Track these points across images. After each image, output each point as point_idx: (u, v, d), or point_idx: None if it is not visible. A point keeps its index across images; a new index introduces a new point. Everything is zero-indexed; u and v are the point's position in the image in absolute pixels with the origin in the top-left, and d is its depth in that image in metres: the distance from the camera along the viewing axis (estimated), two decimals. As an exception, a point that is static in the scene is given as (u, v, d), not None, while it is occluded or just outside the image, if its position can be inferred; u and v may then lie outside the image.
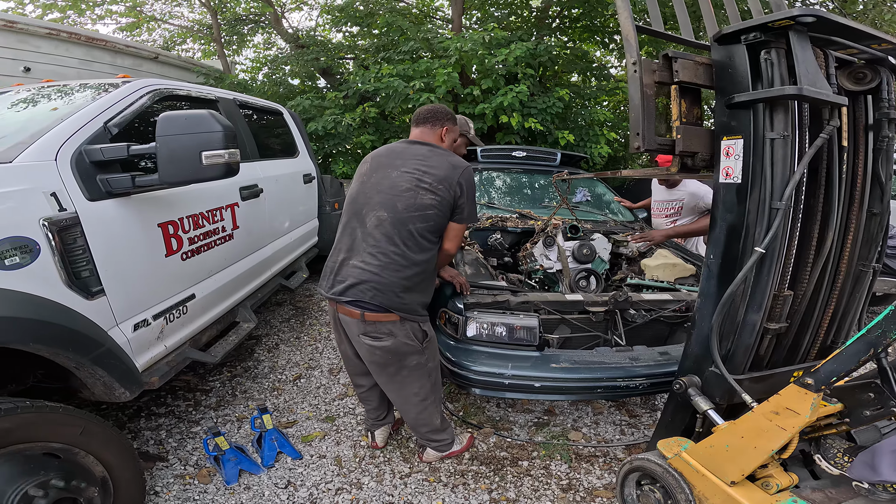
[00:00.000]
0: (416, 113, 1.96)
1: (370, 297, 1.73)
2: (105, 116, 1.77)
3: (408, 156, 1.83)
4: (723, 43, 1.39)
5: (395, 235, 1.73)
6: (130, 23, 8.94)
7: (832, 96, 1.25)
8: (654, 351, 2.19)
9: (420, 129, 1.93)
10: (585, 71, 7.68)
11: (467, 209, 1.82)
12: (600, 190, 4.03)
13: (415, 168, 1.78)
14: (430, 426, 2.05)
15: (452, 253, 1.90)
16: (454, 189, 1.77)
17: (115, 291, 1.61)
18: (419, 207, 1.74)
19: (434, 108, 1.95)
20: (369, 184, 1.83)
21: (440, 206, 1.76)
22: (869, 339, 1.14)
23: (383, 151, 1.92)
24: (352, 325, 1.83)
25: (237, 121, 2.81)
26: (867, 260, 1.63)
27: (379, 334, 1.78)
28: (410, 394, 1.93)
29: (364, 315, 1.75)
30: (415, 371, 1.88)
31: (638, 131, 1.46)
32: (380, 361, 1.85)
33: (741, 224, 1.39)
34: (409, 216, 1.73)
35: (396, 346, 1.80)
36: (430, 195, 1.75)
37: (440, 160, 1.81)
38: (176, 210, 1.94)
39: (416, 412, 1.98)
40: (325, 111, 6.24)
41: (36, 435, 1.31)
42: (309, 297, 4.35)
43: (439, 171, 1.77)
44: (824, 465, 1.44)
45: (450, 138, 1.95)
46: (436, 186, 1.75)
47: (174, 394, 2.66)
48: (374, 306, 1.74)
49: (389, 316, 1.76)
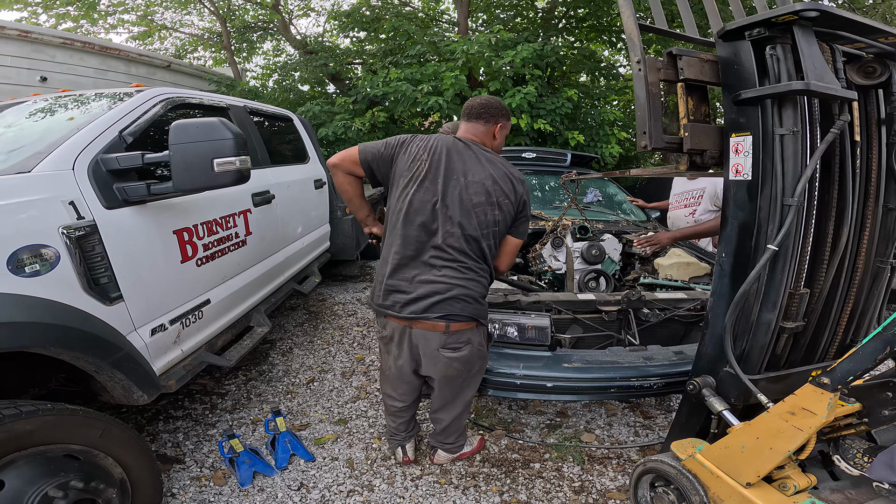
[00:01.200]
0: (467, 105, 1.82)
1: (460, 308, 1.68)
2: (120, 125, 1.80)
3: (472, 160, 1.70)
4: (727, 39, 1.39)
5: (469, 250, 1.69)
6: (142, 32, 9.11)
7: (841, 91, 1.24)
8: (669, 350, 2.17)
9: (473, 125, 1.79)
10: (594, 71, 7.66)
11: (523, 224, 1.81)
12: (612, 190, 4.01)
13: (484, 178, 1.67)
14: (457, 430, 2.06)
15: (503, 271, 1.87)
16: (518, 205, 1.74)
17: (132, 297, 1.64)
18: (489, 224, 1.70)
19: (489, 101, 1.81)
20: (433, 188, 1.66)
21: (504, 221, 1.74)
22: (886, 337, 1.12)
23: (440, 147, 1.70)
24: (432, 340, 1.72)
25: (248, 128, 2.85)
26: (885, 256, 1.60)
27: (458, 344, 1.74)
28: (464, 400, 1.95)
29: (449, 326, 1.69)
30: (476, 377, 1.91)
31: (645, 130, 1.45)
32: (453, 375, 1.82)
33: (753, 221, 1.38)
34: (482, 233, 1.69)
35: (472, 354, 1.79)
36: (497, 211, 1.70)
37: (502, 171, 1.72)
38: (191, 217, 1.97)
39: (458, 414, 1.99)
40: (335, 116, 6.30)
41: (56, 437, 1.33)
42: (322, 301, 4.38)
43: (505, 185, 1.70)
44: (843, 465, 1.41)
45: (502, 135, 1.84)
46: (503, 202, 1.69)
47: (191, 397, 2.69)
48: (463, 317, 1.70)
49: (471, 324, 1.75)
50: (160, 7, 9.04)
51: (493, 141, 1.82)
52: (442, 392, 1.93)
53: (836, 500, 1.35)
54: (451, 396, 1.93)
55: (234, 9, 9.05)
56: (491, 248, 1.74)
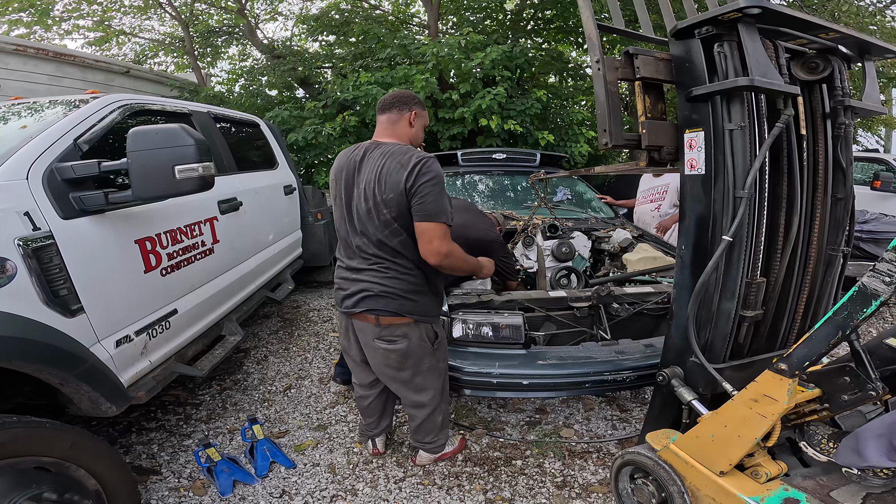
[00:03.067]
0: (381, 100, 1.87)
1: (384, 304, 1.75)
2: (74, 133, 1.75)
3: (371, 163, 1.73)
4: (679, 38, 1.43)
5: (382, 252, 1.74)
6: (99, 37, 8.83)
7: (783, 86, 1.30)
8: (640, 344, 2.22)
9: (386, 116, 1.84)
10: (562, 71, 7.78)
11: (428, 205, 1.64)
12: (581, 188, 4.08)
13: (371, 180, 1.69)
14: (433, 429, 2.05)
15: (433, 261, 1.70)
16: (408, 191, 1.64)
17: (94, 309, 1.61)
18: (387, 224, 1.70)
19: (399, 92, 1.88)
20: (338, 205, 1.82)
21: (402, 215, 1.68)
22: (836, 322, 1.15)
23: (343, 160, 1.83)
24: (367, 331, 1.84)
25: (213, 134, 2.80)
26: (836, 244, 1.66)
27: (393, 337, 1.80)
28: (426, 398, 1.94)
29: (379, 319, 1.77)
30: (429, 374, 1.90)
31: (605, 128, 1.49)
32: (394, 365, 1.86)
33: (708, 214, 1.43)
34: (384, 235, 1.71)
35: (411, 349, 1.81)
36: (385, 210, 1.68)
37: (394, 163, 1.66)
38: (153, 226, 1.93)
39: (426, 414, 1.99)
40: (305, 122, 6.23)
41: (25, 450, 1.32)
42: (296, 308, 4.33)
43: (391, 178, 1.65)
44: (810, 452, 1.43)
45: (419, 123, 1.87)
46: (389, 198, 1.66)
47: (164, 408, 2.64)
48: (388, 312, 1.76)
49: (404, 319, 1.77)
50: (118, 12, 8.77)
51: (410, 129, 1.85)
52: (396, 388, 1.96)
53: (808, 486, 1.36)
54: (410, 393, 1.94)
55: (198, 13, 8.85)
56: (405, 244, 1.72)
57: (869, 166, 6.21)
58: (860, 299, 1.09)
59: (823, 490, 1.34)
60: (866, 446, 1.25)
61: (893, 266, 1.04)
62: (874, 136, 10.88)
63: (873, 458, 1.22)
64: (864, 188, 5.66)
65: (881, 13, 7.80)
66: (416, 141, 1.88)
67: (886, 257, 1.06)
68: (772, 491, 1.28)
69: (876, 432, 1.25)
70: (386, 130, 1.85)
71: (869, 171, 6.05)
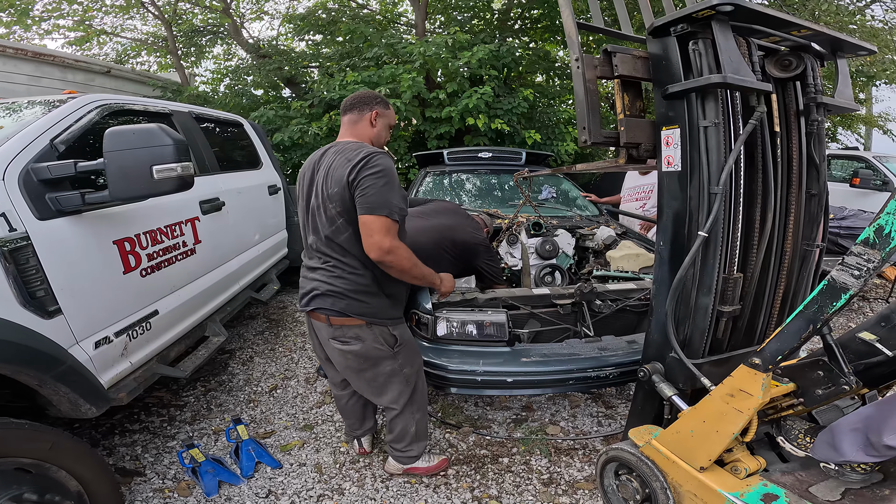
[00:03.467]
0: (343, 101, 1.87)
1: (330, 303, 1.74)
2: (51, 133, 1.73)
3: (326, 162, 1.73)
4: (656, 36, 1.45)
5: (329, 250, 1.74)
6: (79, 37, 8.69)
7: (756, 83, 1.32)
8: (622, 340, 2.24)
9: (348, 117, 1.85)
10: (548, 71, 7.81)
11: (369, 197, 1.58)
12: (566, 186, 4.11)
13: (323, 176, 1.70)
14: (405, 437, 1.99)
15: (373, 256, 1.62)
16: (344, 182, 1.61)
17: (72, 310, 1.60)
18: (333, 219, 1.68)
19: (361, 93, 1.87)
20: (300, 206, 1.84)
21: (347, 210, 1.65)
22: (807, 316, 1.15)
23: (308, 164, 1.83)
24: (322, 330, 1.84)
25: (194, 134, 2.77)
26: (811, 239, 1.68)
27: (347, 338, 1.78)
28: (388, 400, 1.90)
29: (329, 319, 1.76)
30: (392, 378, 1.86)
31: (584, 125, 1.50)
32: (353, 366, 1.84)
33: (685, 210, 1.45)
34: (330, 231, 1.70)
35: (366, 351, 1.78)
36: (331, 205, 1.66)
37: (343, 159, 1.65)
38: (132, 226, 1.91)
39: (391, 417, 1.96)
40: (291, 121, 6.19)
41: (4, 451, 1.31)
42: (282, 308, 4.30)
43: (337, 172, 1.64)
44: (788, 447, 1.44)
45: (382, 122, 1.86)
46: (333, 192, 1.64)
47: (147, 410, 2.62)
48: (335, 312, 1.74)
49: (354, 320, 1.75)
50: (99, 12, 8.63)
51: (371, 129, 1.84)
52: (360, 388, 1.95)
53: (788, 482, 1.35)
54: (373, 395, 1.93)
55: (181, 13, 8.74)
56: (351, 241, 1.69)
57: (849, 164, 6.33)
58: (830, 293, 1.10)
59: (802, 485, 1.33)
60: (842, 441, 1.25)
61: (862, 259, 1.05)
62: (854, 134, 11.09)
63: (849, 452, 1.22)
64: (843, 185, 5.78)
65: (861, 12, 7.95)
66: (377, 140, 1.86)
67: (855, 251, 1.06)
68: (751, 486, 1.28)
69: (851, 427, 1.25)
70: (347, 131, 1.85)
71: (849, 169, 6.17)
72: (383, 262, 1.65)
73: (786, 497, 1.24)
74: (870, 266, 1.02)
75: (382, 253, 1.62)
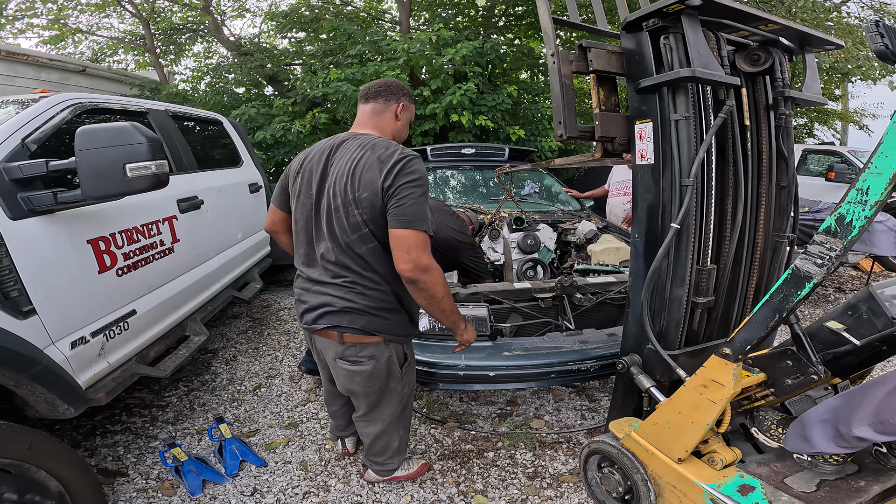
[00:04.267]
0: (364, 88, 1.66)
1: (348, 321, 1.55)
2: (22, 133, 1.70)
3: (346, 155, 1.51)
4: (629, 31, 1.47)
5: (347, 261, 1.52)
6: (54, 36, 8.51)
7: (724, 77, 1.34)
8: (603, 333, 2.26)
9: (371, 106, 1.63)
10: (532, 67, 7.84)
11: (406, 209, 1.41)
12: (548, 182, 4.14)
13: (346, 174, 1.48)
14: (385, 451, 1.89)
15: (407, 272, 1.43)
16: (383, 191, 1.42)
17: (47, 310, 1.58)
18: (355, 228, 1.48)
19: (387, 80, 1.67)
20: (302, 204, 1.59)
21: (374, 218, 1.46)
22: (773, 305, 1.15)
23: (315, 152, 1.60)
24: (329, 349, 1.65)
25: (171, 132, 2.74)
26: (781, 231, 1.71)
27: (359, 358, 1.60)
28: (378, 418, 1.77)
29: (343, 336, 1.57)
30: (391, 397, 1.73)
31: (560, 120, 1.52)
32: (359, 390, 1.68)
33: (658, 203, 1.47)
34: (352, 240, 1.49)
35: (377, 372, 1.62)
36: (357, 210, 1.46)
37: (374, 158, 1.45)
38: (107, 225, 1.88)
39: (380, 431, 1.81)
40: (274, 119, 6.13)
41: None
42: (266, 307, 4.27)
43: (368, 175, 1.44)
44: (761, 437, 1.43)
45: (406, 117, 1.69)
46: (362, 197, 1.44)
47: (129, 411, 2.59)
48: (353, 329, 1.56)
49: (372, 338, 1.58)
50: (74, 10, 8.45)
51: (396, 123, 1.66)
52: (357, 402, 1.79)
53: (763, 473, 1.35)
54: (367, 408, 1.76)
55: (159, 10, 8.58)
56: (375, 253, 1.51)
57: (825, 159, 6.47)
58: (794, 282, 1.11)
59: (778, 476, 1.33)
60: (812, 432, 1.25)
61: (824, 248, 1.06)
62: (830, 129, 11.33)
63: (820, 443, 1.22)
64: (819, 179, 5.90)
65: (837, 9, 8.11)
66: (399, 137, 1.70)
67: (818, 240, 1.07)
68: (728, 478, 1.28)
69: (820, 417, 1.25)
70: (368, 121, 1.64)
71: (825, 164, 6.31)
72: (417, 282, 1.44)
73: (762, 488, 1.24)
74: (832, 255, 1.04)
75: (419, 271, 1.42)
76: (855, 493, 1.22)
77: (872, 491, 1.21)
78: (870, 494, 1.21)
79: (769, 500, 1.19)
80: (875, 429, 1.11)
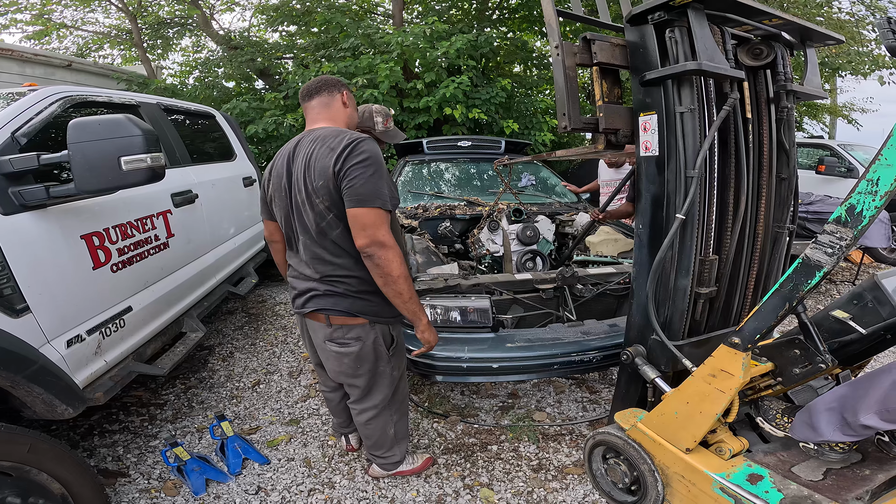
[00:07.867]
0: (305, 87, 1.71)
1: (332, 303, 1.62)
2: (11, 127, 1.66)
3: (302, 153, 1.57)
4: (634, 24, 1.46)
5: (324, 251, 1.59)
6: (38, 31, 8.32)
7: (729, 70, 1.34)
8: (604, 324, 2.26)
9: (317, 101, 1.68)
10: (526, 61, 7.83)
11: (358, 188, 1.45)
12: (545, 174, 4.14)
13: (304, 168, 1.54)
14: (385, 442, 1.90)
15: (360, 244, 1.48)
16: (337, 176, 1.47)
17: (41, 308, 1.55)
18: (320, 216, 1.54)
19: (322, 77, 1.72)
20: (281, 200, 1.66)
21: (334, 204, 1.51)
22: (783, 294, 1.16)
23: (279, 157, 1.67)
24: (318, 332, 1.71)
25: (163, 125, 2.69)
26: (781, 222, 1.72)
27: (346, 340, 1.66)
28: (371, 403, 1.80)
29: (329, 318, 1.64)
30: (381, 380, 1.76)
31: (564, 111, 1.51)
32: (349, 372, 1.73)
33: (662, 194, 1.47)
34: (321, 228, 1.56)
35: (364, 353, 1.68)
36: (318, 199, 1.51)
37: (325, 148, 1.50)
38: (100, 220, 1.84)
39: (371, 418, 1.83)
40: (265, 113, 6.06)
41: None
42: (262, 302, 4.24)
43: (320, 164, 1.49)
44: (767, 427, 1.43)
45: (352, 103, 1.75)
46: (318, 186, 1.49)
47: (126, 410, 2.56)
48: (338, 311, 1.63)
49: (357, 320, 1.64)
50: (59, 5, 8.26)
51: (346, 110, 1.71)
52: (349, 388, 1.83)
53: (770, 462, 1.35)
54: (359, 393, 1.80)
55: (146, 4, 8.41)
56: (344, 236, 1.55)
57: (815, 152, 6.54)
58: (804, 271, 1.11)
59: (785, 465, 1.34)
60: (819, 420, 1.24)
61: (835, 238, 1.06)
62: (819, 123, 11.45)
63: (826, 432, 1.22)
64: (809, 172, 5.97)
65: (828, 4, 8.17)
66: (352, 122, 1.75)
67: (828, 229, 1.08)
68: (736, 467, 1.29)
69: (827, 406, 1.25)
70: (319, 115, 1.68)
71: (815, 157, 6.38)
72: (372, 257, 1.48)
73: (770, 477, 1.25)
74: (842, 244, 1.04)
75: (375, 246, 1.46)
76: (861, 482, 1.22)
77: (878, 479, 1.22)
78: (875, 483, 1.21)
79: (778, 489, 1.20)
80: (881, 417, 1.11)
